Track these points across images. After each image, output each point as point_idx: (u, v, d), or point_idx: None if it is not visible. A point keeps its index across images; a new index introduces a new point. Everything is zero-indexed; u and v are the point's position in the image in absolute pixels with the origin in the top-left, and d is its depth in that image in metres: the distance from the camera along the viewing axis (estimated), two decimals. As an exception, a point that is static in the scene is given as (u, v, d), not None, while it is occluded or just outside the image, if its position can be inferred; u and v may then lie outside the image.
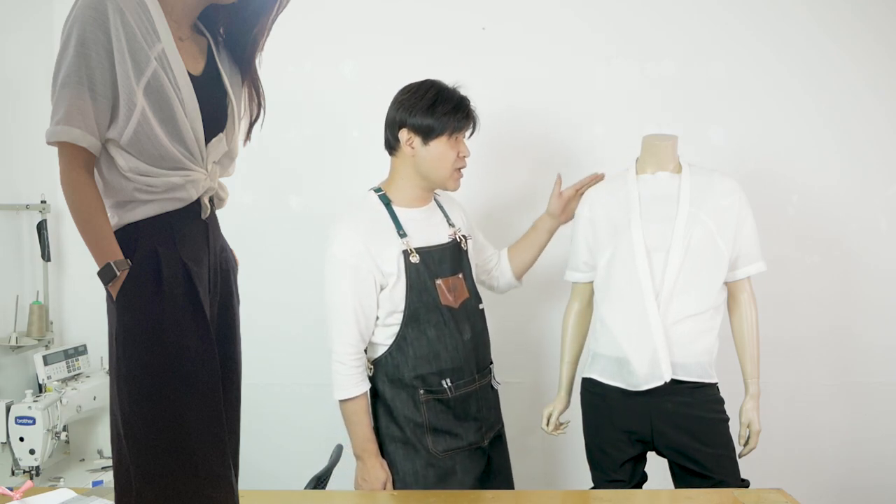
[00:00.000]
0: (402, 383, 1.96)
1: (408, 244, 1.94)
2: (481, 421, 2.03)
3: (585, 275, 2.19)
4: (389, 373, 1.97)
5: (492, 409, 2.09)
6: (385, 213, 1.98)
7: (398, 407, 1.97)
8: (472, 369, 2.01)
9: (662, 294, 2.00)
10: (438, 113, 1.93)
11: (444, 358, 1.96)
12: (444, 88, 1.98)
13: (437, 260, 1.98)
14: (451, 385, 1.96)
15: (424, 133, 1.95)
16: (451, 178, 2.00)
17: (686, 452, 2.01)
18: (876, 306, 2.71)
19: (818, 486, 2.68)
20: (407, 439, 1.97)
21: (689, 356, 2.01)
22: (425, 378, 1.95)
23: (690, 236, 1.99)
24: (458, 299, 1.99)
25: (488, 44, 2.70)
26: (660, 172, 2.09)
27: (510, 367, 2.69)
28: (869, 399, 2.73)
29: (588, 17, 2.71)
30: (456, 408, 1.98)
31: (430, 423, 1.97)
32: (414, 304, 1.94)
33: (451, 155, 1.97)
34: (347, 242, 1.93)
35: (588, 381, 2.14)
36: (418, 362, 1.95)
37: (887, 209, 2.71)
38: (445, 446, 1.97)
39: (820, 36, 2.68)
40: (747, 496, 1.75)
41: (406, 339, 1.95)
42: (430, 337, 1.95)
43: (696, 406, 2.01)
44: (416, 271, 1.93)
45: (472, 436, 2.01)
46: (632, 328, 2.03)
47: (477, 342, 2.03)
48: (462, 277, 2.03)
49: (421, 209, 2.03)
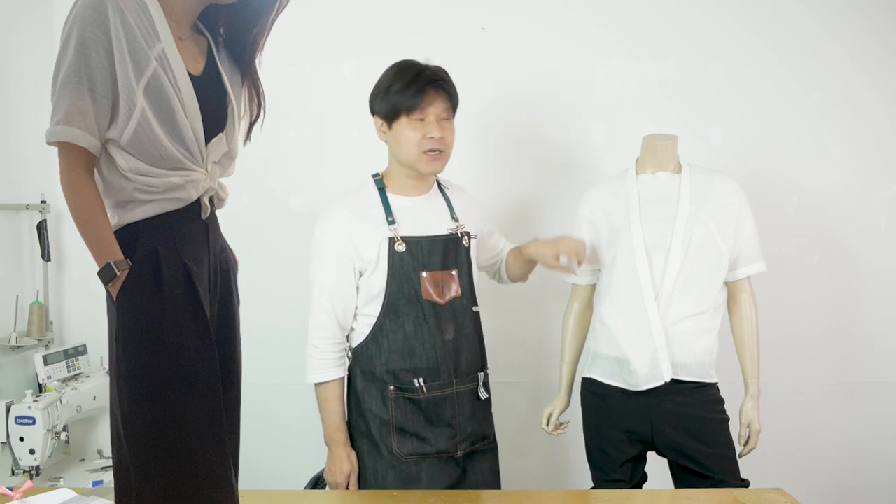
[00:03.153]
0: (374, 376, 1.91)
1: (395, 231, 1.89)
2: (456, 429, 1.92)
3: (584, 277, 2.19)
4: (363, 364, 1.93)
5: (472, 419, 1.95)
6: (377, 198, 1.94)
7: (367, 400, 1.92)
8: (451, 372, 1.91)
9: (662, 294, 2.00)
10: (392, 93, 1.87)
11: (419, 355, 1.88)
12: (402, 68, 1.90)
13: (427, 252, 1.91)
14: (423, 385, 1.88)
15: (386, 118, 1.90)
16: (419, 160, 1.90)
17: (686, 452, 2.01)
18: (876, 306, 2.71)
19: (818, 486, 2.68)
20: (372, 436, 1.91)
21: (689, 356, 2.01)
22: (397, 374, 1.89)
23: (690, 236, 1.99)
24: (444, 296, 1.91)
25: (488, 43, 2.70)
26: (660, 172, 2.09)
27: (510, 367, 2.70)
28: (869, 399, 2.73)
29: (588, 16, 2.71)
30: (428, 410, 1.90)
31: (398, 423, 1.89)
32: (394, 294, 1.88)
33: (413, 136, 1.88)
34: (330, 226, 1.90)
35: (588, 381, 2.14)
36: (392, 356, 1.89)
37: (887, 209, 2.71)
38: (411, 449, 1.89)
39: (820, 36, 2.68)
40: (747, 496, 1.75)
41: (383, 330, 1.89)
42: (407, 331, 1.88)
43: (697, 406, 2.01)
44: (399, 260, 1.87)
45: (443, 443, 1.91)
46: (632, 328, 2.03)
47: (461, 345, 1.94)
48: (456, 274, 1.94)
49: (417, 198, 1.97)
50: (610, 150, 2.65)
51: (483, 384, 1.99)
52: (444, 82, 1.90)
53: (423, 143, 1.88)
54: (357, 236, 1.88)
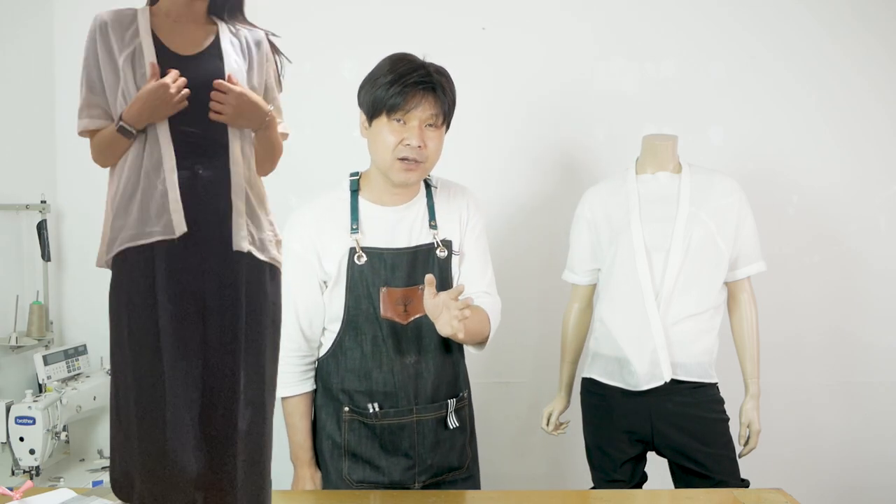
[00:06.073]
0: (331, 394, 1.77)
1: (356, 241, 1.71)
2: (414, 459, 1.74)
3: (584, 277, 2.19)
4: (323, 379, 1.79)
5: (435, 450, 1.76)
6: (347, 202, 1.76)
7: (322, 418, 1.79)
8: (411, 399, 1.73)
9: (662, 294, 2.00)
10: (376, 87, 1.68)
11: (375, 378, 1.72)
12: (395, 60, 1.70)
13: (390, 265, 1.71)
14: (377, 411, 1.71)
15: (366, 113, 1.72)
16: (392, 167, 1.70)
17: (686, 452, 2.01)
18: (876, 306, 2.72)
19: (818, 486, 2.68)
20: (324, 457, 1.78)
21: (689, 356, 2.01)
22: (352, 395, 1.74)
23: (690, 236, 1.99)
24: (409, 315, 1.72)
25: (488, 43, 2.70)
26: (660, 172, 2.09)
27: (510, 367, 2.70)
28: (869, 399, 2.74)
29: (588, 17, 2.71)
30: (383, 437, 1.73)
31: (350, 447, 1.74)
32: (352, 310, 1.71)
33: (389, 139, 1.68)
34: (297, 232, 1.74)
35: (588, 381, 2.14)
36: (348, 375, 1.74)
37: (887, 209, 2.71)
38: (362, 476, 1.74)
39: (820, 36, 2.68)
40: (747, 496, 1.75)
41: (342, 347, 1.74)
42: (364, 351, 1.72)
43: (697, 406, 2.01)
44: (358, 274, 1.70)
45: (398, 474, 1.74)
46: (632, 328, 2.03)
47: (424, 369, 1.74)
48: (422, 291, 1.68)
49: (393, 207, 1.77)
50: (610, 150, 2.65)
51: (455, 411, 1.79)
52: (436, 85, 1.69)
53: (399, 149, 1.69)
54: (322, 246, 1.73)
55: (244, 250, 1.36)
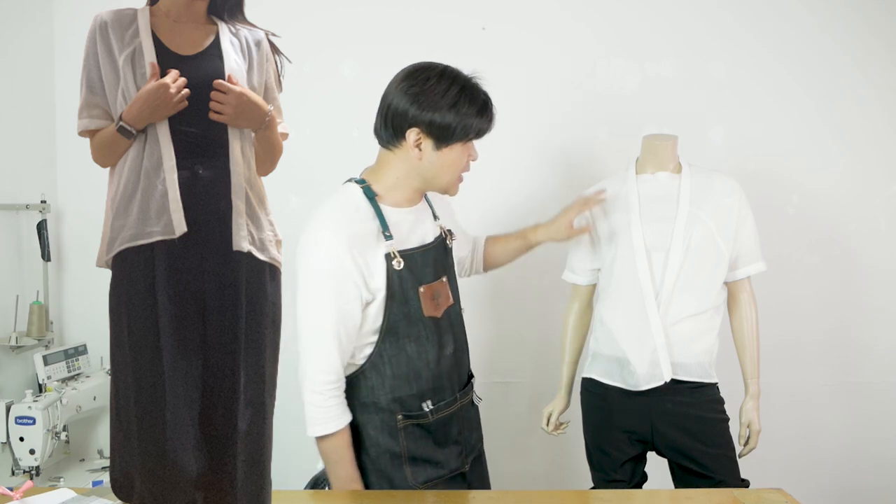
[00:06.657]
0: (377, 407, 1.70)
1: (391, 248, 1.66)
2: (462, 444, 1.79)
3: (584, 277, 2.19)
4: (361, 396, 1.70)
5: (473, 429, 1.85)
6: (370, 211, 1.69)
7: (371, 435, 1.71)
8: (455, 387, 1.77)
9: (662, 294, 2.00)
10: (462, 115, 1.64)
11: (424, 377, 1.70)
12: (468, 84, 1.67)
13: (421, 264, 1.71)
14: (432, 408, 1.71)
15: (439, 136, 1.66)
16: (454, 184, 1.75)
17: (686, 452, 2.01)
18: (876, 306, 2.71)
19: (818, 487, 2.68)
20: (382, 470, 1.72)
21: (689, 356, 2.01)
22: (404, 401, 1.69)
23: (690, 236, 1.99)
24: (441, 307, 1.73)
25: (488, 43, 2.70)
26: (660, 172, 2.09)
27: (510, 367, 2.70)
28: (869, 399, 2.74)
29: (588, 17, 2.71)
30: (437, 432, 1.73)
31: (410, 452, 1.71)
32: (394, 316, 1.67)
33: (463, 161, 1.72)
34: (328, 250, 1.62)
35: (588, 381, 2.14)
36: (397, 383, 1.68)
37: (887, 209, 2.71)
38: (426, 476, 1.72)
39: (820, 36, 2.68)
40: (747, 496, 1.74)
41: (383, 356, 1.68)
42: (409, 353, 1.69)
43: (696, 406, 2.01)
44: (398, 279, 1.66)
45: (454, 462, 1.76)
46: (632, 328, 2.03)
47: (459, 355, 1.79)
48: (446, 280, 1.76)
49: (411, 209, 1.76)
50: (610, 150, 2.65)
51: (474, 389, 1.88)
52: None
53: (465, 167, 1.75)
54: (363, 262, 1.63)
55: (244, 250, 1.36)
